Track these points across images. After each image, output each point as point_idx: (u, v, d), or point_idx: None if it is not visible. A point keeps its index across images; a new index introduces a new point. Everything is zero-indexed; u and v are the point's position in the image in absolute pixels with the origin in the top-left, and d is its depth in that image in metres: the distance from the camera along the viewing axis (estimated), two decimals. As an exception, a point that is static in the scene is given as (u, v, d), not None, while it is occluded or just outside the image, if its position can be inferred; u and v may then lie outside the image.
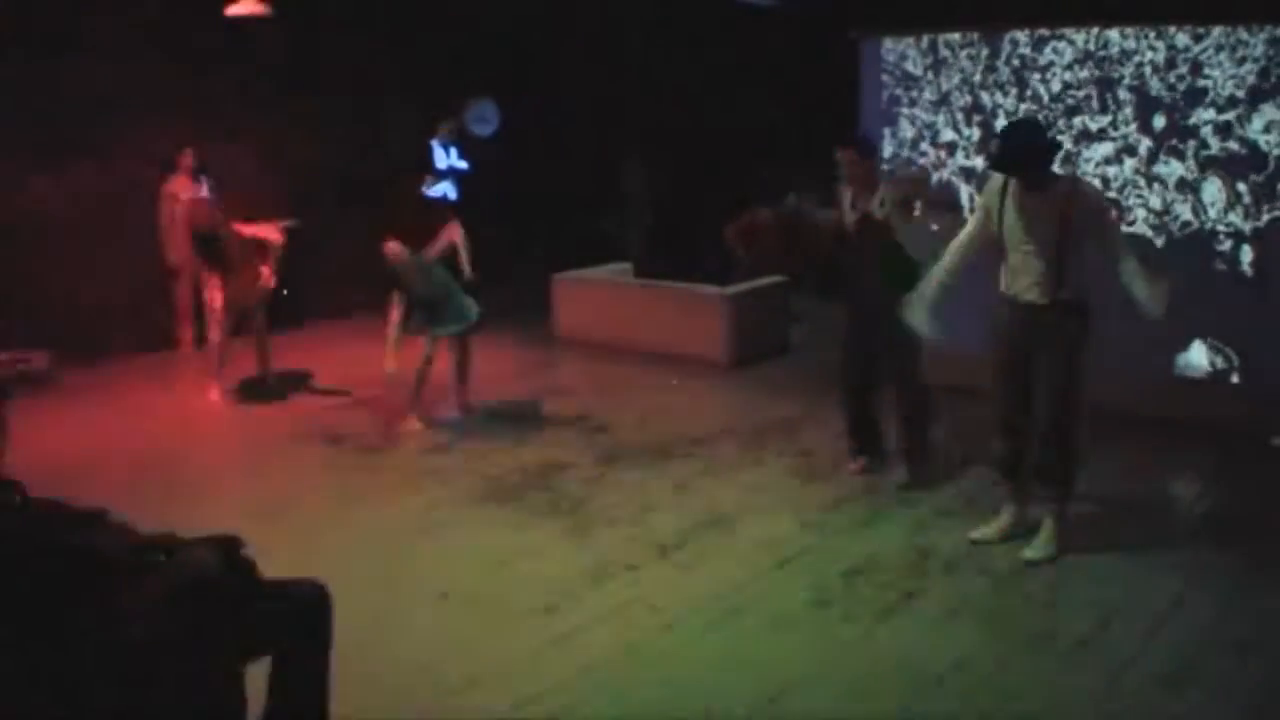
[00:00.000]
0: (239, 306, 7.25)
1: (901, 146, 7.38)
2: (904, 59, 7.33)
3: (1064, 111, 6.61)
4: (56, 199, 8.01)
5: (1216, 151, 6.12)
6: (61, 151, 8.01)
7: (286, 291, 7.65)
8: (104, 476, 5.70)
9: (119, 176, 8.26)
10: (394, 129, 9.74)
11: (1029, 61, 6.75)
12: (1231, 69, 6.00)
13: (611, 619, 4.11)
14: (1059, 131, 6.52)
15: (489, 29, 10.56)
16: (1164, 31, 6.21)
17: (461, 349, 6.78)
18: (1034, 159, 4.34)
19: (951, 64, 7.11)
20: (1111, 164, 6.50)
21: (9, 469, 2.40)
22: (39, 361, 7.63)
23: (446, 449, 6.26)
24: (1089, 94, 6.52)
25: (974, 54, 7.00)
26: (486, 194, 10.09)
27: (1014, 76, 6.82)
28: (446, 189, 9.90)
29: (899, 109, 7.39)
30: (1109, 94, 6.45)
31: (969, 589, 4.36)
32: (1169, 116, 6.26)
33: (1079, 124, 6.58)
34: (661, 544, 4.80)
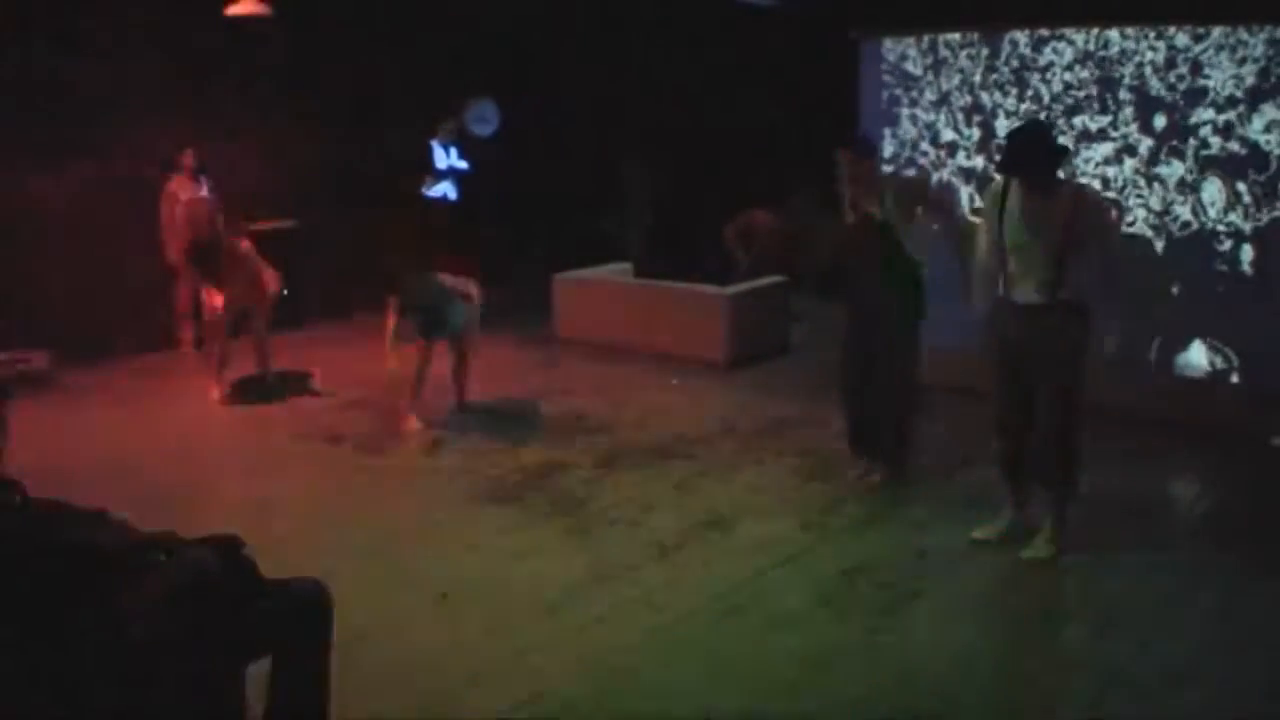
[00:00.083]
0: (239, 308, 7.26)
1: (902, 147, 7.37)
2: (904, 59, 7.33)
3: (1064, 111, 6.61)
4: (56, 199, 8.01)
5: (1216, 151, 6.12)
6: (61, 151, 8.01)
7: (286, 292, 7.66)
8: (104, 476, 5.70)
9: (119, 176, 8.25)
10: (394, 129, 9.74)
11: (1029, 61, 6.75)
12: (1231, 69, 6.00)
13: (611, 619, 4.11)
14: (1059, 132, 6.52)
15: (489, 29, 10.56)
16: (1164, 31, 6.21)
17: (459, 350, 6.80)
18: (1039, 162, 4.34)
19: (951, 64, 7.11)
20: (1111, 164, 6.49)
21: (9, 469, 2.40)
22: (39, 361, 7.63)
23: (446, 449, 6.26)
24: (1089, 94, 6.52)
25: (974, 54, 7.00)
26: (486, 194, 10.10)
27: (1014, 76, 6.82)
28: (446, 189, 9.90)
29: (899, 109, 7.38)
30: (1109, 94, 6.45)
31: (969, 589, 4.36)
32: (1169, 116, 6.25)
33: (1079, 124, 6.57)
34: (661, 544, 4.80)
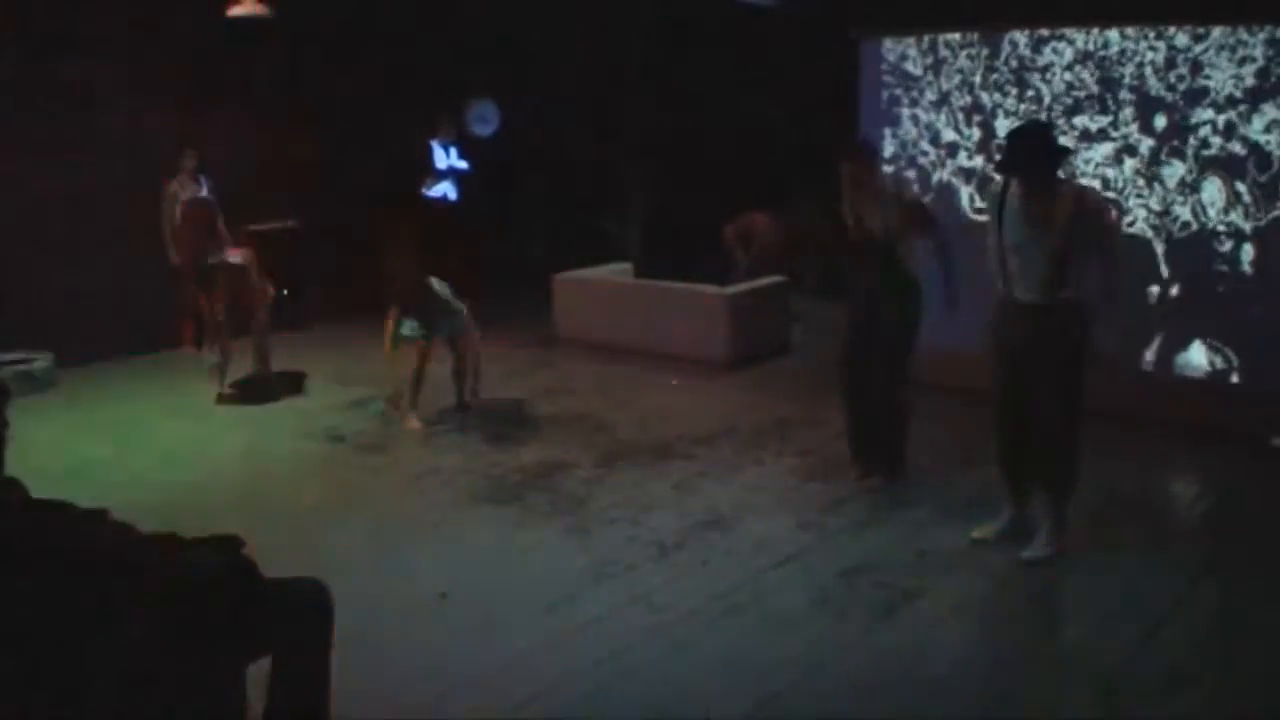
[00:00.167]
0: (240, 308, 7.27)
1: (902, 147, 7.37)
2: (904, 59, 7.32)
3: (1064, 111, 6.61)
4: (56, 199, 8.02)
5: (1217, 152, 6.12)
6: (61, 151, 8.01)
7: (287, 292, 7.66)
8: (104, 477, 5.71)
9: (119, 176, 8.26)
10: (394, 129, 9.74)
11: (1029, 61, 6.75)
12: (1231, 69, 6.00)
13: (611, 619, 4.11)
14: (1059, 132, 6.52)
15: (489, 29, 10.56)
16: (1164, 31, 6.21)
17: (457, 350, 6.80)
18: (1039, 162, 4.34)
19: (951, 64, 7.11)
20: (1111, 165, 6.49)
21: (9, 469, 2.40)
22: (39, 361, 7.63)
23: (446, 449, 6.26)
24: (1089, 94, 6.51)
25: (974, 54, 6.99)
26: (486, 194, 10.10)
27: (1014, 76, 6.82)
28: (446, 189, 9.90)
29: (899, 109, 7.38)
30: (1109, 94, 6.45)
31: (969, 589, 4.36)
32: (1169, 117, 6.25)
33: (1079, 124, 6.57)
34: (661, 544, 4.80)
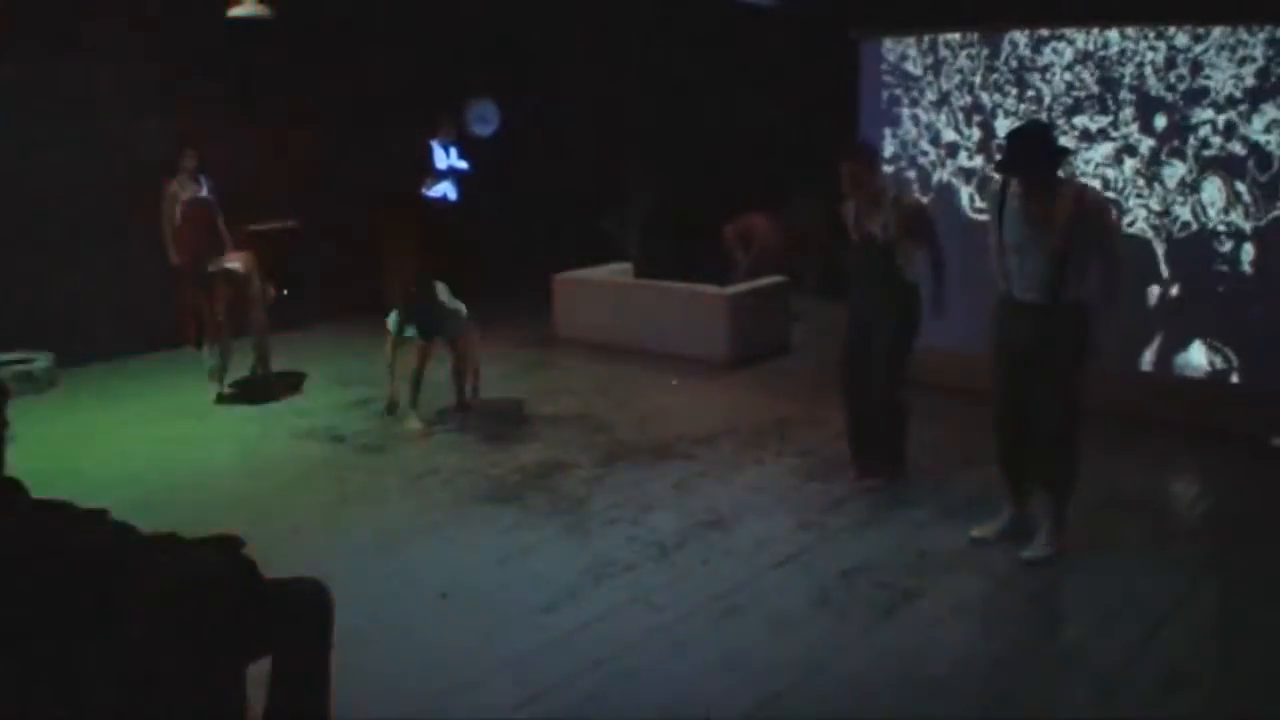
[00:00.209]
0: (240, 308, 7.26)
1: (903, 147, 7.37)
2: (904, 59, 7.32)
3: (1064, 112, 6.61)
4: (56, 199, 8.01)
5: (1217, 151, 6.12)
6: (61, 151, 8.01)
7: (286, 292, 7.66)
8: (104, 477, 5.71)
9: (119, 176, 8.26)
10: (394, 128, 9.74)
11: (1029, 62, 6.75)
12: (1231, 69, 6.00)
13: (611, 619, 4.11)
14: (1059, 132, 6.52)
15: (489, 29, 10.56)
16: (1164, 31, 6.21)
17: (457, 350, 6.79)
18: (1038, 162, 4.34)
19: (951, 64, 7.11)
20: (1111, 165, 6.49)
21: (9, 469, 2.40)
22: (39, 361, 7.63)
23: (446, 449, 6.26)
24: (1089, 94, 6.51)
25: (974, 54, 7.00)
26: (486, 194, 10.10)
27: (1014, 76, 6.82)
28: (446, 189, 9.90)
29: (899, 109, 7.38)
30: (1109, 94, 6.44)
31: (969, 589, 4.36)
32: (1169, 117, 6.25)
33: (1079, 124, 6.57)
34: (661, 544, 4.80)
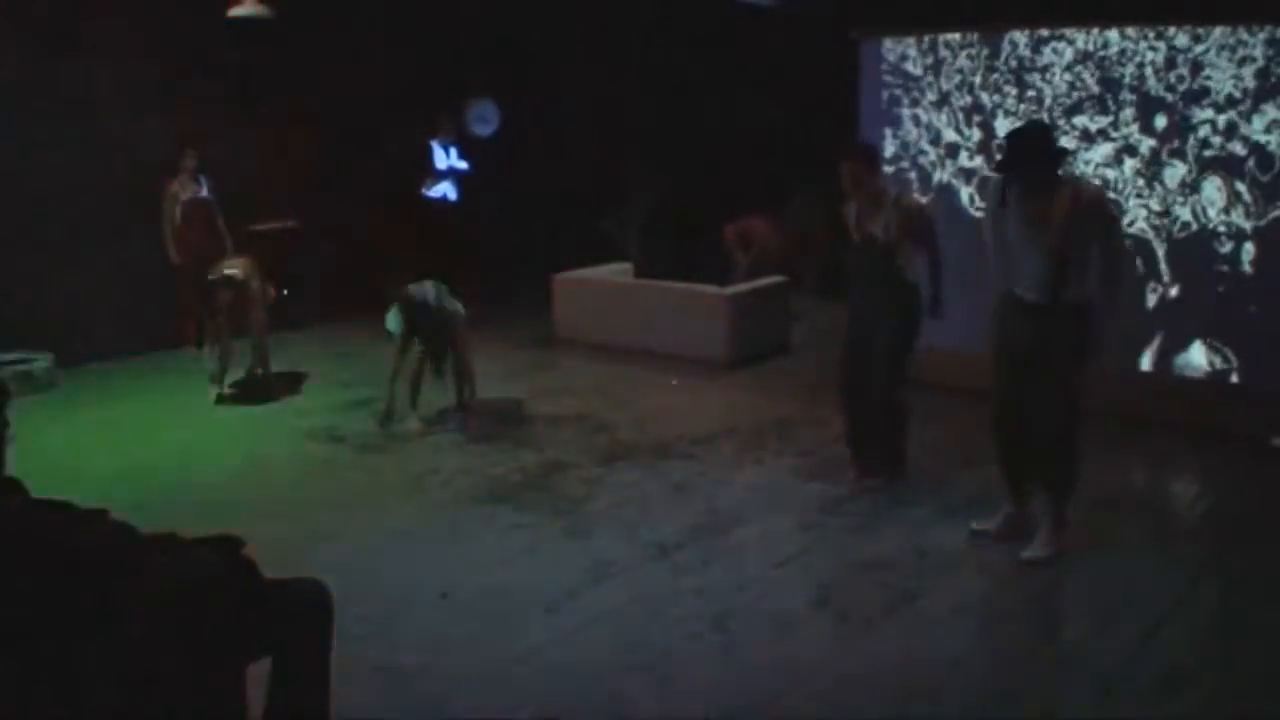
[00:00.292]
0: (240, 308, 7.27)
1: (903, 148, 7.37)
2: (904, 59, 7.32)
3: (1064, 112, 6.61)
4: (56, 199, 8.01)
5: (1217, 152, 6.12)
6: (61, 151, 8.01)
7: (286, 292, 7.66)
8: (104, 477, 5.71)
9: (119, 176, 8.26)
10: (394, 128, 9.74)
11: (1029, 62, 6.75)
12: (1231, 69, 6.00)
13: (611, 619, 4.11)
14: (1060, 132, 6.53)
15: (489, 29, 10.56)
16: (1164, 32, 6.21)
17: (455, 351, 6.78)
18: (1038, 163, 4.34)
19: (951, 64, 7.11)
20: (1111, 165, 6.49)
21: (9, 469, 2.40)
22: (39, 361, 7.63)
23: (446, 449, 6.26)
24: (1089, 94, 6.51)
25: (974, 54, 7.00)
26: (486, 194, 10.10)
27: (1014, 76, 6.82)
28: (446, 189, 9.90)
29: (899, 109, 7.38)
30: (1109, 94, 6.45)
31: (969, 589, 4.37)
32: (1169, 117, 6.26)
33: (1079, 124, 6.57)
34: (661, 544, 4.80)
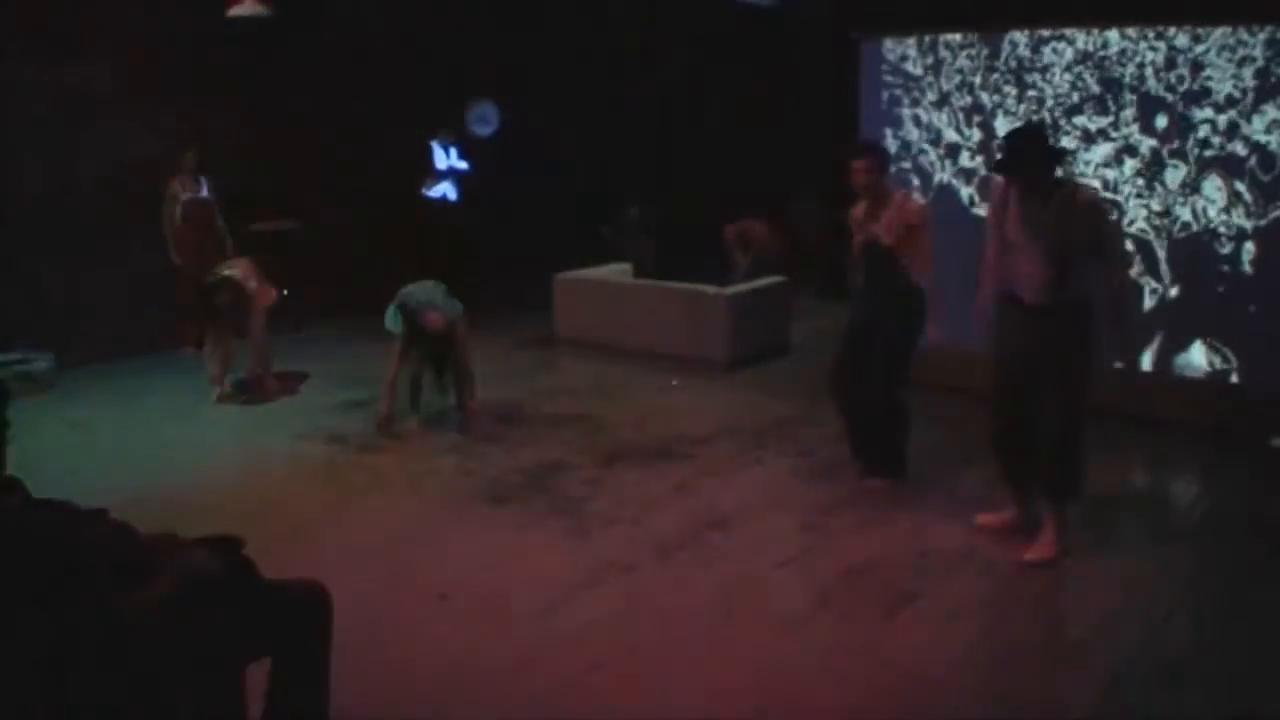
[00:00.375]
0: (240, 307, 7.26)
1: (904, 148, 7.37)
2: (904, 59, 7.32)
3: (1064, 112, 6.61)
4: (56, 198, 8.01)
5: (1217, 152, 6.12)
6: (61, 151, 8.01)
7: (286, 292, 7.66)
8: (104, 477, 5.70)
9: (119, 176, 8.26)
10: (394, 128, 9.74)
11: (1029, 62, 6.75)
12: (1231, 69, 6.00)
13: (611, 619, 4.11)
14: (1060, 132, 6.53)
15: (489, 30, 10.56)
16: (1164, 32, 6.21)
17: (455, 351, 6.78)
18: (1035, 164, 4.34)
19: (951, 64, 7.11)
20: (1111, 165, 6.49)
21: (10, 469, 2.40)
22: (39, 361, 7.63)
23: (446, 449, 6.26)
24: (1089, 94, 6.51)
25: (974, 54, 7.00)
26: (486, 194, 10.10)
27: (1014, 77, 6.82)
28: (446, 189, 9.91)
29: (899, 109, 7.38)
30: (1109, 95, 6.45)
31: (969, 589, 4.36)
32: (1169, 117, 6.26)
33: (1079, 124, 6.57)
34: (661, 544, 4.79)
